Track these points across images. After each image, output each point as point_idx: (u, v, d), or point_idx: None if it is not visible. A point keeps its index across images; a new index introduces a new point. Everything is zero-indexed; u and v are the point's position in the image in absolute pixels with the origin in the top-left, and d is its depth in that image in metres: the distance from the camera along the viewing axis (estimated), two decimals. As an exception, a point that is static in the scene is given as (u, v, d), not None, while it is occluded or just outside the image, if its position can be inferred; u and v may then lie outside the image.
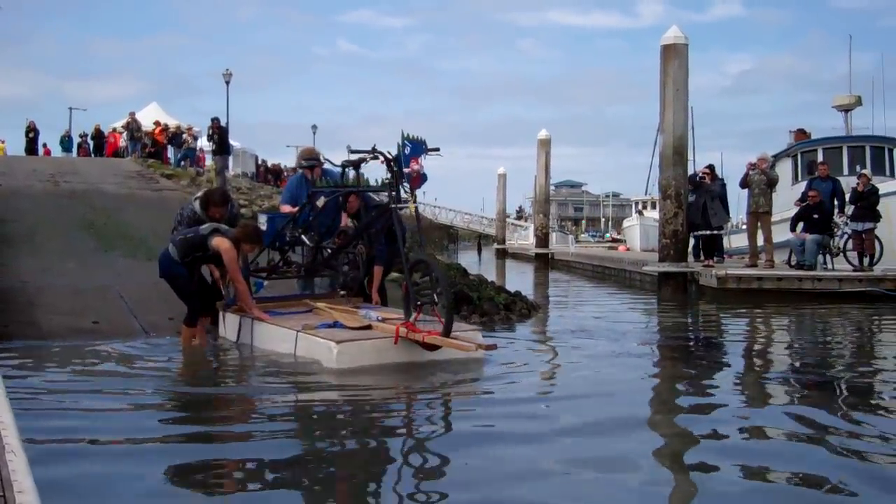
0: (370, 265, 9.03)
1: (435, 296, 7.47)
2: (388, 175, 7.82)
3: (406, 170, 7.57)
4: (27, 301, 10.02)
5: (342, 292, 9.28)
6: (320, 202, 8.92)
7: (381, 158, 7.84)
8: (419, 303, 7.52)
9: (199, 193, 9.54)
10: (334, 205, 9.14)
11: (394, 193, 7.77)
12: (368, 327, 7.79)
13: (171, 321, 9.63)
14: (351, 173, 8.61)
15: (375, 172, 8.36)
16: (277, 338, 8.16)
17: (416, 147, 7.63)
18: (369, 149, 7.97)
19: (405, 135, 7.62)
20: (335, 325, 7.91)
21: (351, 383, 6.86)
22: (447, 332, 7.20)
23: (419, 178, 7.66)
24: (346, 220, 9.34)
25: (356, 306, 8.69)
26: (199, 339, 8.52)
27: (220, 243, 8.11)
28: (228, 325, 8.99)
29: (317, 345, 7.55)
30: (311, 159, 9.77)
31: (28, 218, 15.92)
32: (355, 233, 8.79)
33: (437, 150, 7.84)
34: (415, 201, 7.76)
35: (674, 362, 8.43)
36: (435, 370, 7.25)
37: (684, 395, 6.84)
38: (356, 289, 9.17)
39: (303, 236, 9.16)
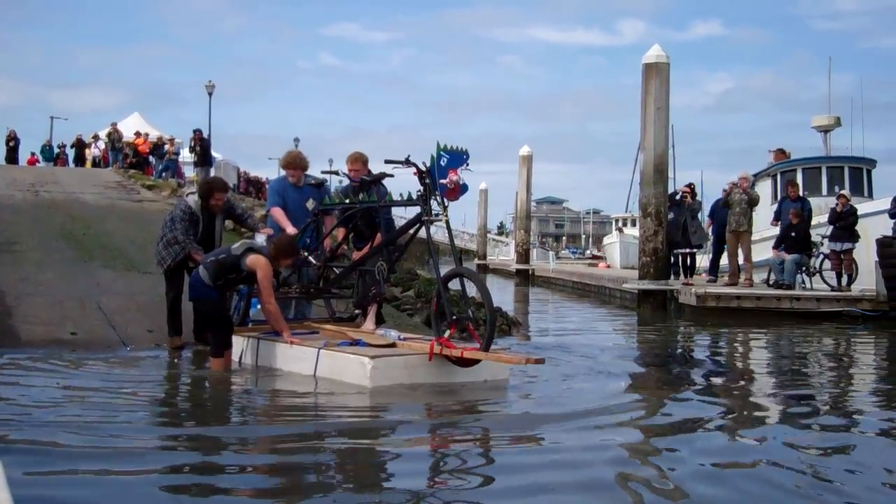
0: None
1: (470, 311, 7.23)
2: (421, 188, 7.46)
3: (443, 181, 7.21)
4: (4, 310, 9.93)
5: (357, 311, 8.79)
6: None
7: (415, 169, 7.44)
8: (454, 317, 7.18)
9: (192, 188, 9.44)
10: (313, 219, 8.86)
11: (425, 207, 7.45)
12: (392, 346, 7.46)
13: (149, 333, 9.58)
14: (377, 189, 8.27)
15: (405, 185, 7.87)
16: (294, 357, 7.72)
17: (456, 158, 7.29)
18: (403, 159, 7.55)
19: (442, 146, 7.28)
20: (357, 343, 7.56)
21: (383, 409, 6.42)
22: (487, 347, 6.94)
23: (457, 190, 7.30)
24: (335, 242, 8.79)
25: (359, 328, 8.34)
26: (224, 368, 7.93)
27: (256, 261, 7.64)
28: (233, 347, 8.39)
29: (345, 362, 7.18)
30: (325, 177, 9.07)
31: (7, 227, 15.81)
32: (377, 249, 8.24)
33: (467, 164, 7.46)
34: (446, 214, 7.40)
35: (652, 379, 8.45)
36: (465, 390, 7.01)
37: (661, 411, 6.84)
38: (372, 305, 8.45)
39: (309, 257, 8.74)
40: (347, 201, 8.56)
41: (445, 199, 7.34)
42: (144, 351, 8.93)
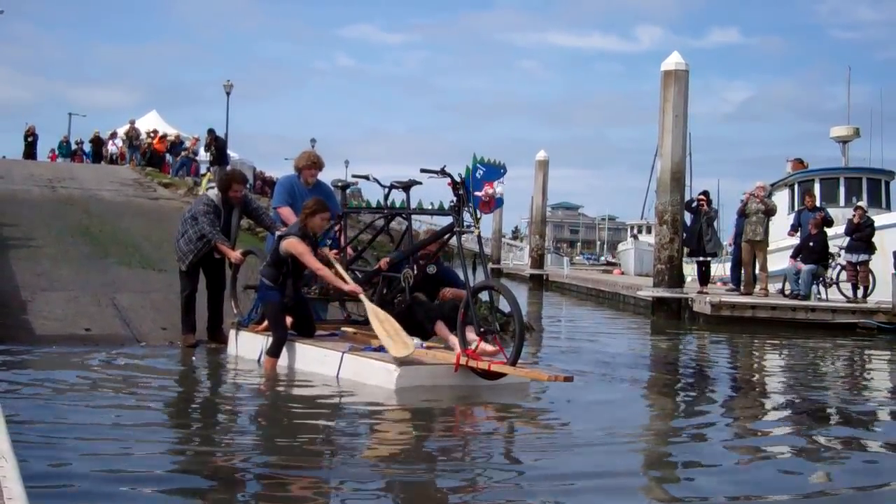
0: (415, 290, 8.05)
1: (497, 324, 7.16)
2: (454, 198, 7.37)
3: (478, 193, 7.13)
4: (20, 305, 9.99)
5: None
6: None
7: (449, 180, 7.34)
8: (482, 330, 7.10)
9: (212, 183, 9.58)
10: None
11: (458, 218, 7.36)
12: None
13: (163, 331, 9.62)
14: (400, 196, 8.23)
15: (434, 194, 7.81)
16: (316, 359, 7.67)
17: (493, 171, 7.23)
18: (438, 169, 7.46)
19: (478, 158, 7.20)
20: (380, 349, 7.35)
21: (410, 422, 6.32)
22: (515, 362, 6.87)
23: (493, 203, 7.25)
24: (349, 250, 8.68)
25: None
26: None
27: (288, 245, 7.66)
28: (245, 344, 8.51)
29: (369, 367, 7.14)
30: (354, 180, 8.97)
31: (24, 222, 15.87)
32: (403, 256, 8.10)
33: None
34: (478, 227, 7.30)
35: (664, 387, 8.41)
36: (490, 401, 6.93)
37: (673, 419, 6.83)
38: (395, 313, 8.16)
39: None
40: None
41: (479, 212, 7.27)
42: (158, 348, 8.97)
